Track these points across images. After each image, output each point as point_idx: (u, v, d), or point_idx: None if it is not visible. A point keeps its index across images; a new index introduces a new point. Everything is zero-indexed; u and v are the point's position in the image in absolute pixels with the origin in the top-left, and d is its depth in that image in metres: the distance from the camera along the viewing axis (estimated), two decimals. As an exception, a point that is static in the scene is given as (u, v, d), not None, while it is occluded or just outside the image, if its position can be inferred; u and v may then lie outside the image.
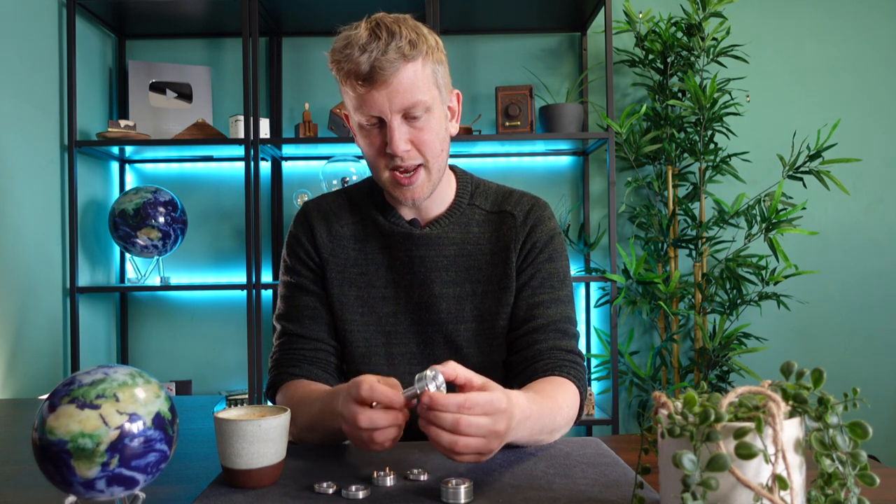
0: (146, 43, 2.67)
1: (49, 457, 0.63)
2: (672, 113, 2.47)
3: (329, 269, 1.15)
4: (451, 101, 1.12)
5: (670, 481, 0.61)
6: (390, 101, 1.01)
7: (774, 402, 0.57)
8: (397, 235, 1.14)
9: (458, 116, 1.14)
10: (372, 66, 0.98)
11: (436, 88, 1.05)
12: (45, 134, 2.19)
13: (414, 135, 1.04)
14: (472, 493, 0.75)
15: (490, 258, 1.14)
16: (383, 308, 1.14)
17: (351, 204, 1.19)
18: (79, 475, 0.63)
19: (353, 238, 1.17)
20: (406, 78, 1.00)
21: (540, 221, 1.16)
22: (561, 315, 1.12)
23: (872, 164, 2.68)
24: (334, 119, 2.42)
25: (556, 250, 1.16)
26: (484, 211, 1.17)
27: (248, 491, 0.79)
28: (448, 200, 1.17)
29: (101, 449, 0.63)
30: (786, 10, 2.71)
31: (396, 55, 0.99)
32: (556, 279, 1.14)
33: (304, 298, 1.16)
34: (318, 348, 1.15)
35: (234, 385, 2.64)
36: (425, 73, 1.03)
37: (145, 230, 2.32)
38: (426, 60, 1.03)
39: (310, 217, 1.18)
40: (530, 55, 2.70)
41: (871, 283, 2.70)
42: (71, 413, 0.63)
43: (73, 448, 0.62)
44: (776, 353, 2.60)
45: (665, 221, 2.47)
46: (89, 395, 0.64)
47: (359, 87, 1.01)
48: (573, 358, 1.09)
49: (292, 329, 1.15)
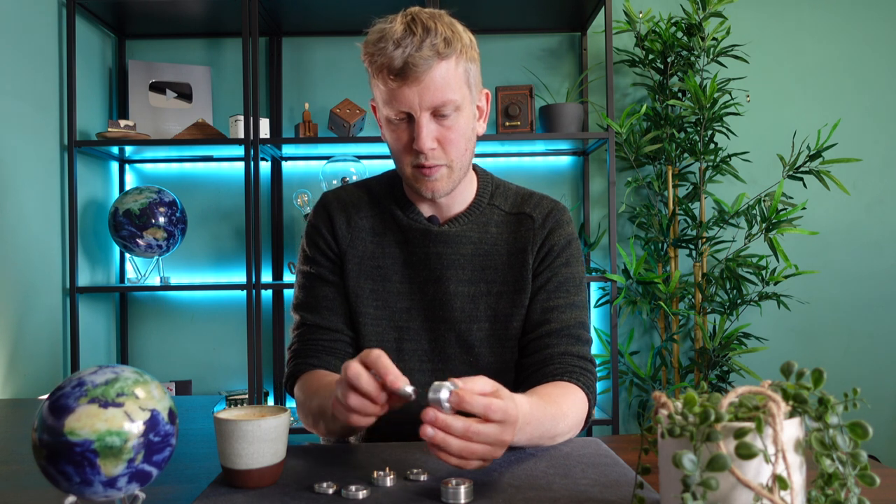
0: (146, 43, 2.67)
1: (71, 458, 0.63)
2: (672, 113, 2.47)
3: (347, 261, 1.15)
4: (480, 101, 1.11)
5: (670, 481, 0.61)
6: (421, 98, 1.00)
7: (774, 402, 0.57)
8: (415, 231, 1.14)
9: (487, 116, 1.13)
10: (405, 62, 0.98)
11: (467, 88, 1.05)
12: (45, 134, 2.19)
13: (441, 133, 1.03)
14: (472, 493, 0.75)
15: (507, 259, 1.14)
16: (397, 303, 1.14)
17: (370, 197, 1.19)
18: (103, 474, 0.64)
19: (371, 231, 1.16)
20: (439, 76, 1.00)
21: (559, 225, 1.15)
22: (575, 320, 1.12)
23: (872, 164, 2.68)
24: (334, 119, 2.42)
25: (572, 255, 1.15)
26: (503, 212, 1.17)
27: (248, 491, 0.79)
28: (468, 199, 1.16)
29: (129, 446, 0.64)
30: (786, 10, 2.71)
31: (431, 52, 0.98)
32: (573, 284, 1.14)
33: (323, 289, 1.15)
34: (336, 339, 1.14)
35: (234, 385, 2.64)
36: (458, 72, 1.02)
37: (151, 230, 2.32)
38: (460, 59, 1.02)
39: (329, 208, 1.18)
40: (530, 55, 2.70)
41: (871, 283, 2.70)
42: (94, 413, 0.64)
43: (99, 447, 0.63)
44: (776, 353, 2.60)
45: (665, 221, 2.47)
46: (109, 393, 0.65)
47: (390, 82, 1.00)
48: (584, 364, 1.09)
49: (311, 319, 1.15)
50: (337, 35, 2.67)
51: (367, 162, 2.51)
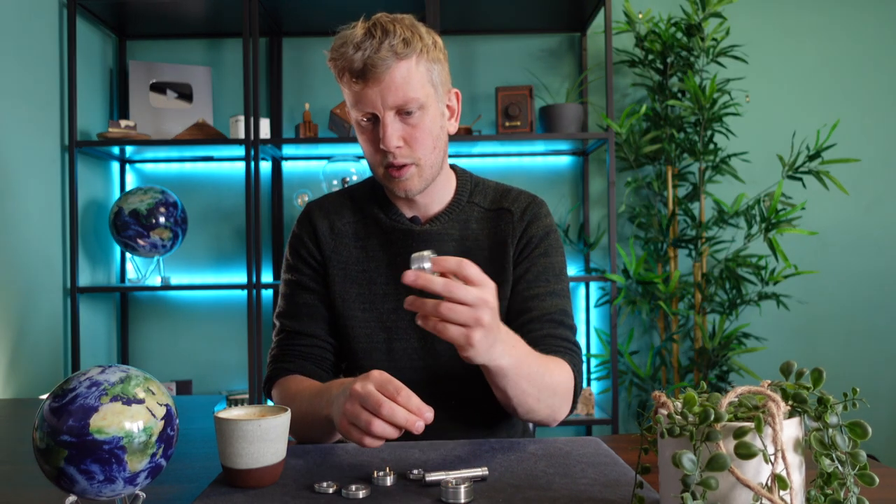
0: (146, 43, 2.67)
1: (98, 456, 0.64)
2: (672, 113, 2.47)
3: (331, 267, 1.17)
4: (449, 100, 1.14)
5: (670, 481, 0.61)
6: (383, 97, 1.03)
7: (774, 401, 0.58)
8: (398, 232, 1.16)
9: (458, 115, 1.16)
10: (365, 64, 1.01)
11: (430, 87, 1.07)
12: (45, 134, 2.19)
13: (407, 132, 1.06)
14: (473, 493, 0.75)
15: (488, 254, 1.16)
16: (384, 304, 1.15)
17: (353, 202, 1.21)
18: (128, 469, 0.65)
19: (354, 236, 1.18)
20: (399, 75, 1.03)
21: (536, 218, 1.17)
22: (556, 307, 1.13)
23: (872, 164, 2.68)
24: (334, 119, 2.42)
25: (551, 245, 1.17)
26: (482, 208, 1.19)
27: (248, 491, 0.79)
28: (447, 198, 1.18)
29: (153, 440, 0.66)
30: (785, 11, 2.71)
31: (389, 53, 1.01)
32: (552, 273, 1.15)
33: (304, 296, 1.17)
34: (314, 345, 1.16)
35: (234, 385, 2.64)
36: (419, 71, 1.05)
37: (158, 230, 2.33)
38: (420, 59, 1.05)
39: (312, 216, 1.20)
40: (530, 55, 2.70)
41: (870, 283, 2.70)
42: (119, 410, 0.65)
43: (127, 443, 0.65)
44: (776, 353, 2.60)
45: (665, 221, 2.47)
46: (128, 391, 0.67)
47: (353, 84, 1.04)
48: (568, 345, 1.10)
49: (290, 326, 1.17)
50: (337, 35, 2.67)
51: (366, 162, 2.51)
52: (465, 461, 0.88)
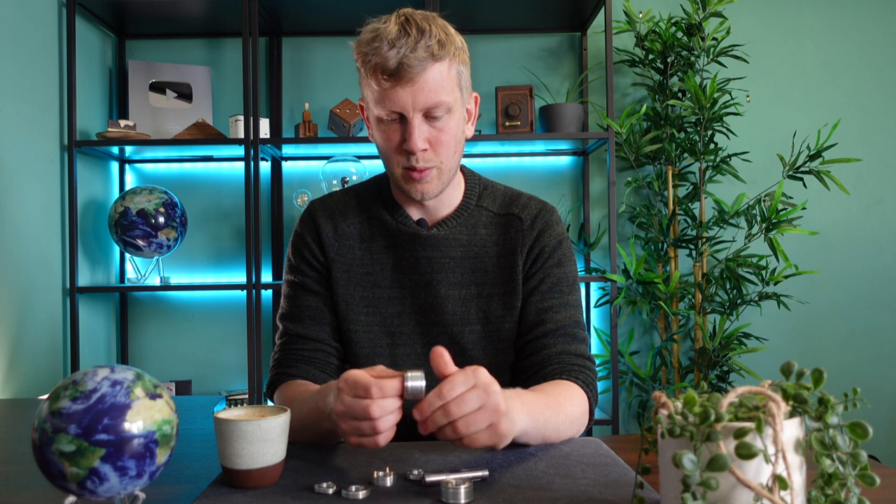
0: (146, 43, 2.67)
1: (134, 451, 0.65)
2: (672, 113, 2.47)
3: (334, 269, 1.15)
4: (469, 104, 1.11)
5: (670, 481, 0.61)
6: (414, 99, 1.00)
7: (774, 402, 0.57)
8: (404, 235, 1.14)
9: (475, 119, 1.13)
10: (400, 63, 0.98)
11: (458, 90, 1.05)
12: (45, 134, 2.19)
13: (432, 135, 1.04)
14: (472, 493, 0.75)
15: (496, 260, 1.14)
16: (388, 308, 1.14)
17: (358, 203, 1.18)
18: (157, 463, 0.67)
19: (359, 238, 1.16)
20: (432, 78, 1.00)
21: (548, 226, 1.15)
22: (570, 320, 1.12)
23: (872, 164, 2.68)
24: (334, 119, 2.42)
25: (564, 255, 1.15)
26: (491, 213, 1.17)
27: (248, 491, 0.79)
28: (456, 201, 1.16)
29: (174, 433, 0.69)
30: (786, 10, 2.71)
31: (425, 54, 0.99)
32: (566, 284, 1.14)
33: (307, 298, 1.16)
34: (317, 349, 1.14)
35: (234, 385, 2.64)
36: (451, 74, 1.03)
37: (166, 230, 2.33)
38: (453, 61, 1.03)
39: (315, 216, 1.17)
40: (530, 55, 2.70)
41: (871, 283, 2.70)
42: (149, 405, 0.66)
43: (160, 437, 0.66)
44: (776, 353, 2.60)
45: (665, 221, 2.47)
46: (148, 386, 0.68)
47: (384, 82, 1.00)
48: (582, 362, 1.09)
49: (293, 329, 1.15)
50: (337, 35, 2.67)
51: (367, 162, 2.51)
52: (465, 462, 0.88)
